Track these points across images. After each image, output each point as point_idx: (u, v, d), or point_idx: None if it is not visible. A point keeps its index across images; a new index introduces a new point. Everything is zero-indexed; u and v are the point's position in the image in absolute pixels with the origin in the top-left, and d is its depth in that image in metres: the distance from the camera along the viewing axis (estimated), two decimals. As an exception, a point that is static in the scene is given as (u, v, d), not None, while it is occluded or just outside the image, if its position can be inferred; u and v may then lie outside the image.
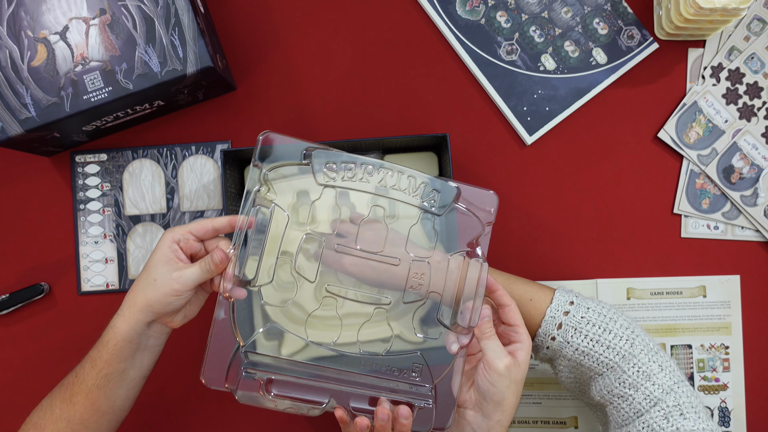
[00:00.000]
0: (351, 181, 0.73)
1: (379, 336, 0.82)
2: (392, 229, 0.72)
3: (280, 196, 0.69)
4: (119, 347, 0.64)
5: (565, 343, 0.68)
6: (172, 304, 0.64)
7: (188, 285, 0.63)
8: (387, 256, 0.70)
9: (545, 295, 0.70)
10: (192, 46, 0.76)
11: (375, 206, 0.73)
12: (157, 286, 0.63)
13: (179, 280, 0.63)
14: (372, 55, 0.89)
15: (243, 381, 0.64)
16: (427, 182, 0.72)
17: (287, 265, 0.69)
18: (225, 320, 0.64)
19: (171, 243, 0.64)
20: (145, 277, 0.64)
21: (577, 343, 0.67)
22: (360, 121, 0.88)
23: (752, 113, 0.87)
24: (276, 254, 0.68)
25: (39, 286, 0.86)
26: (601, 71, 0.87)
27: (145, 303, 0.63)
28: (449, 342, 0.67)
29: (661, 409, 0.64)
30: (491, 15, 0.88)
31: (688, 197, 0.87)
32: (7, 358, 0.87)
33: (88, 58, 0.76)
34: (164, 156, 0.88)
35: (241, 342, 0.65)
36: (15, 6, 0.75)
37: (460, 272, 0.69)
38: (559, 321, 0.68)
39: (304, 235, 0.70)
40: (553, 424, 0.86)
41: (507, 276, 0.73)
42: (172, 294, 0.63)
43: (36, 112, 0.76)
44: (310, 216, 0.73)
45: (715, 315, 0.86)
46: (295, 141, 0.69)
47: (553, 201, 0.87)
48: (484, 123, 0.88)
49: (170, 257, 0.64)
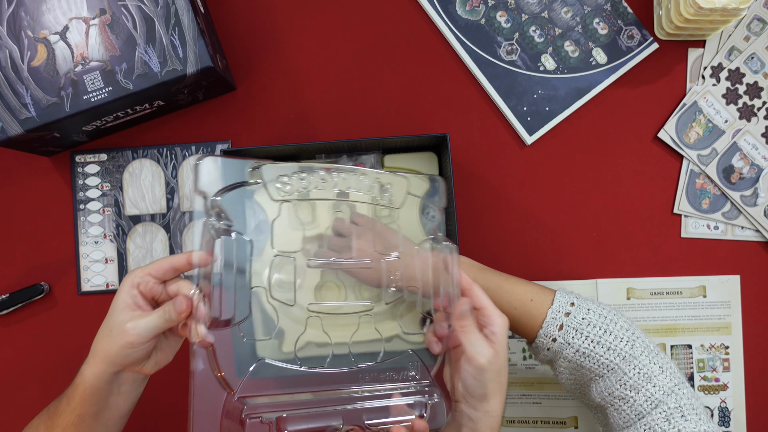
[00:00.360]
0: (307, 191, 0.68)
1: (371, 343, 0.82)
2: (361, 229, 0.69)
3: (240, 219, 0.63)
4: (88, 393, 0.58)
5: (565, 344, 0.68)
6: (130, 356, 0.57)
7: (145, 336, 0.57)
8: (358, 260, 0.68)
9: (546, 296, 0.70)
10: (192, 46, 0.76)
11: (337, 212, 0.70)
12: (112, 337, 0.57)
13: (133, 331, 0.56)
14: (372, 55, 0.89)
15: (250, 426, 0.59)
16: (378, 177, 0.69)
17: (263, 293, 0.64)
18: (205, 371, 0.57)
19: (130, 288, 0.58)
20: (104, 325, 0.58)
21: (578, 344, 0.67)
22: (360, 121, 0.88)
23: (752, 113, 0.87)
24: (247, 284, 0.61)
25: (39, 286, 0.86)
26: (601, 71, 0.87)
27: (103, 354, 0.57)
28: (430, 342, 0.65)
29: (663, 411, 0.64)
30: (491, 15, 0.88)
31: (688, 197, 0.87)
32: (7, 358, 0.87)
33: (88, 58, 0.76)
34: (164, 156, 0.88)
35: (233, 391, 0.59)
36: (15, 6, 0.75)
37: (431, 261, 0.67)
38: (560, 322, 0.68)
39: (272, 258, 0.65)
40: (553, 424, 0.86)
41: (506, 277, 0.73)
42: (127, 347, 0.57)
43: (36, 112, 0.76)
44: (272, 236, 0.68)
45: (715, 315, 0.86)
46: (238, 159, 0.62)
47: (553, 201, 0.87)
48: (484, 123, 0.88)
49: (128, 303, 0.58)
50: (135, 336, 0.56)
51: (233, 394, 0.58)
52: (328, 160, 0.86)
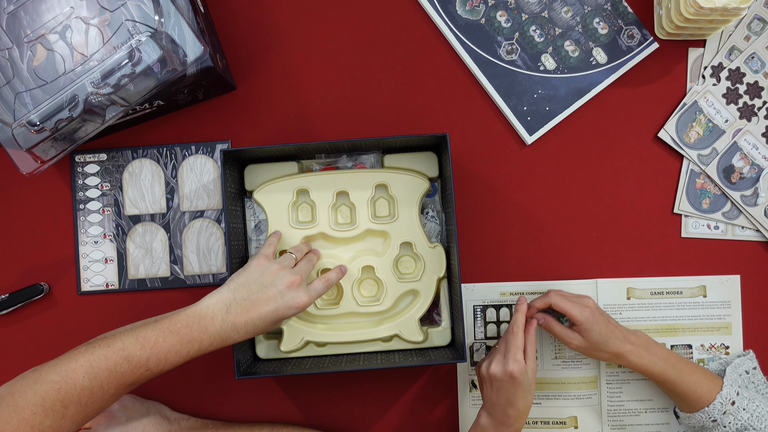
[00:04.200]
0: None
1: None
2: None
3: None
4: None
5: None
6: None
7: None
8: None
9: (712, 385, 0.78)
10: (192, 46, 0.76)
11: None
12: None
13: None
14: (372, 55, 0.89)
15: None
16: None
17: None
18: None
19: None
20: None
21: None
22: (360, 121, 0.88)
23: (752, 113, 0.87)
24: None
25: (39, 286, 0.86)
26: (601, 71, 0.87)
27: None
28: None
29: None
30: (491, 15, 0.88)
31: (688, 197, 0.87)
32: (7, 358, 0.87)
33: (87, 57, 0.76)
34: (164, 156, 0.88)
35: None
36: (15, 6, 0.75)
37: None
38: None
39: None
40: (553, 424, 0.86)
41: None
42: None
43: (36, 112, 0.75)
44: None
45: (715, 315, 0.86)
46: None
47: (553, 201, 0.87)
48: (484, 123, 0.88)
49: None
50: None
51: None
52: (328, 160, 0.86)
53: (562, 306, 0.77)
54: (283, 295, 0.71)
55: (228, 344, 0.69)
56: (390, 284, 0.82)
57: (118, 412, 0.81)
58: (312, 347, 0.84)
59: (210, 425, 0.84)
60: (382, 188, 0.84)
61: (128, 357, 0.63)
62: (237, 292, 0.70)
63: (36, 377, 0.62)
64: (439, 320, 0.84)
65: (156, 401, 0.85)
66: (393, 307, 0.84)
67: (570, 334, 0.78)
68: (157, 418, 0.82)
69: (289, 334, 0.82)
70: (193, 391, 0.87)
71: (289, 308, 0.71)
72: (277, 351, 0.83)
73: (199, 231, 0.87)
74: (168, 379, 0.86)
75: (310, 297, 0.73)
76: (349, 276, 0.83)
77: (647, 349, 0.78)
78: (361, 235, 0.83)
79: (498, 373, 0.72)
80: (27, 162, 0.77)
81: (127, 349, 0.63)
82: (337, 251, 0.84)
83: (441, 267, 0.83)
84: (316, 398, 0.87)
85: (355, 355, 0.83)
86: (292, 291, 0.72)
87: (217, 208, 0.88)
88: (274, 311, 0.70)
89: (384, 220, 0.83)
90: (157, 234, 0.88)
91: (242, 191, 0.86)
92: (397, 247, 0.82)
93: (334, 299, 0.84)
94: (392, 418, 0.87)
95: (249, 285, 0.71)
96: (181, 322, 0.66)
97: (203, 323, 0.67)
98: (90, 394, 0.61)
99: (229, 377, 0.86)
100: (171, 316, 0.67)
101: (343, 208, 0.84)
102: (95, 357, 0.62)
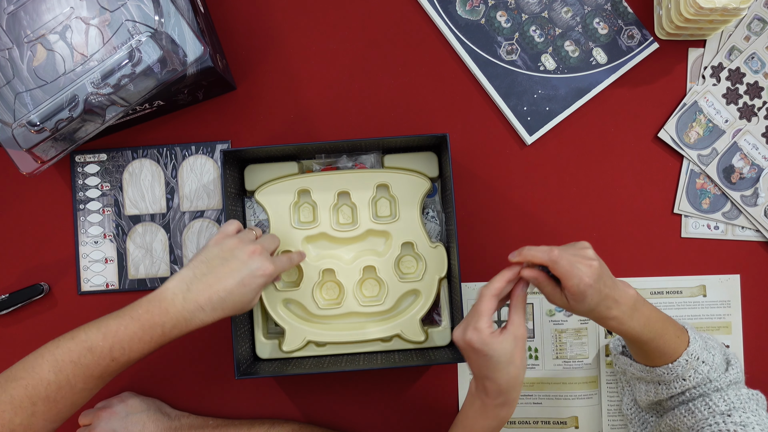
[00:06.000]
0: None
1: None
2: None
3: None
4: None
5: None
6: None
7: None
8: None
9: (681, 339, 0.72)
10: (192, 46, 0.76)
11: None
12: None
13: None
14: (372, 55, 0.88)
15: None
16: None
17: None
18: None
19: None
20: None
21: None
22: (360, 121, 0.88)
23: (752, 113, 0.87)
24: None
25: (39, 286, 0.86)
26: (601, 71, 0.87)
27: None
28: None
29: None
30: (491, 15, 0.88)
31: (688, 197, 0.87)
32: (7, 358, 0.87)
33: (87, 57, 0.76)
34: (164, 156, 0.88)
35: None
36: (15, 6, 0.75)
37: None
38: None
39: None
40: (553, 424, 0.86)
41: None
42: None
43: (36, 112, 0.75)
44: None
45: (715, 314, 0.87)
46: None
47: (553, 201, 0.87)
48: (484, 123, 0.88)
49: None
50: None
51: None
52: (328, 160, 0.86)
53: (563, 273, 0.65)
54: (247, 264, 0.68)
55: (195, 326, 0.67)
56: (391, 284, 0.82)
57: (118, 407, 0.81)
58: (312, 347, 0.84)
59: (210, 422, 0.84)
60: (383, 188, 0.84)
61: (91, 348, 0.63)
62: (197, 269, 0.68)
63: (6, 376, 0.62)
64: (440, 320, 0.85)
65: (156, 399, 0.85)
66: (394, 307, 0.84)
67: (557, 296, 0.68)
68: (157, 414, 0.82)
69: (291, 334, 0.82)
70: (193, 391, 0.87)
71: (255, 277, 0.68)
72: (277, 351, 0.83)
73: (199, 231, 0.87)
74: (168, 378, 0.87)
75: (276, 266, 0.70)
76: (351, 276, 0.83)
77: (630, 316, 0.69)
78: (362, 235, 0.83)
79: (458, 341, 0.66)
80: (27, 162, 0.77)
81: (90, 340, 0.64)
82: (338, 251, 0.84)
83: (442, 267, 0.83)
84: (316, 398, 0.87)
85: (355, 355, 0.83)
86: (256, 259, 0.69)
87: (217, 208, 0.88)
88: (239, 282, 0.68)
89: (385, 220, 0.83)
90: (157, 234, 0.87)
91: (242, 191, 0.86)
92: (399, 247, 0.82)
93: (336, 299, 0.84)
94: (392, 418, 0.87)
95: (209, 261, 0.69)
96: (141, 307, 0.66)
97: (163, 305, 0.66)
98: (57, 389, 0.61)
99: (229, 377, 0.86)
100: (133, 304, 0.67)
101: (344, 209, 0.84)
102: (60, 351, 0.63)
